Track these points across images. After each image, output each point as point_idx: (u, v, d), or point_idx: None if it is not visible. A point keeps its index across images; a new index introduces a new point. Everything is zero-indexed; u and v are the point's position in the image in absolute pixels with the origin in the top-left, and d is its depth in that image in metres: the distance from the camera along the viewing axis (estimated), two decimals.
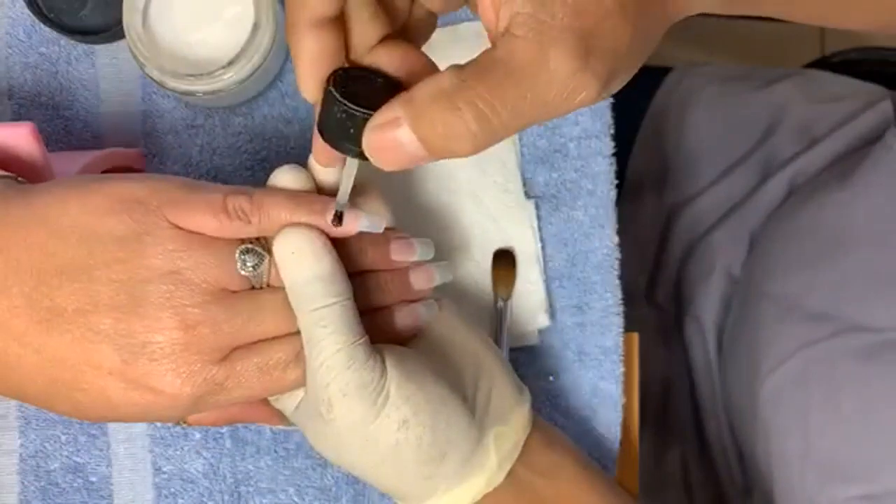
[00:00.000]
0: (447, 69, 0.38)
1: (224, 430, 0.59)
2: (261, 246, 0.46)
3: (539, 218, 0.60)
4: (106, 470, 0.59)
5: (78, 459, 0.59)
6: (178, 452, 0.59)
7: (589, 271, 0.60)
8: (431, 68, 0.44)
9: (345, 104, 0.41)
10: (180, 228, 0.45)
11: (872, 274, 0.63)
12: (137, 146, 0.60)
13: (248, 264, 0.45)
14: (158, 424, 0.59)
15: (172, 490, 0.59)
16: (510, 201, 0.60)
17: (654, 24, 0.40)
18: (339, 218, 0.46)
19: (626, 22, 0.37)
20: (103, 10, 0.59)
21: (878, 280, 0.62)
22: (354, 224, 0.47)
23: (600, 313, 0.60)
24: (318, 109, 0.43)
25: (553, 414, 0.60)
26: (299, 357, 0.47)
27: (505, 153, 0.60)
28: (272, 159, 0.61)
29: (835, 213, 0.68)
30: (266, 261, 0.46)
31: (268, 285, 0.47)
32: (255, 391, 0.46)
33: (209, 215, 0.45)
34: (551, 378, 0.60)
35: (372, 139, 0.39)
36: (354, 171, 0.45)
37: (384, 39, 0.44)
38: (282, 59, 0.60)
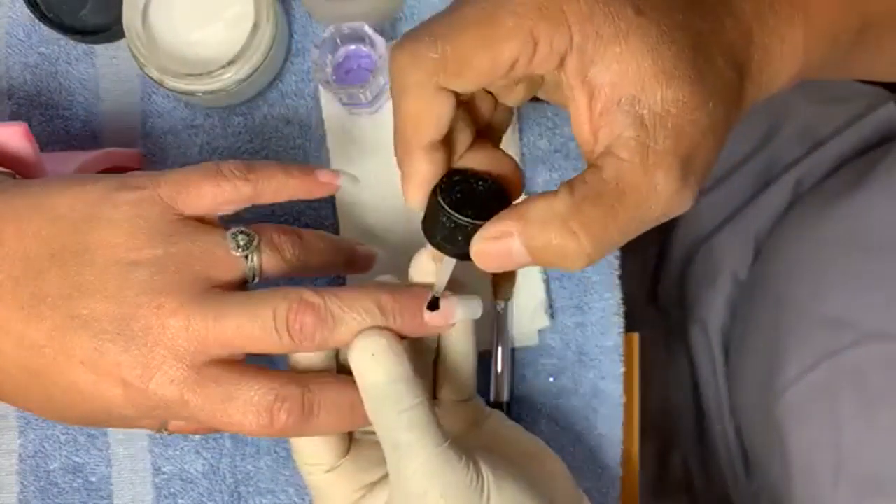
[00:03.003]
0: (559, 189, 0.40)
1: None
2: (251, 230, 0.46)
3: None
4: (106, 470, 0.59)
5: (77, 459, 0.59)
6: (177, 453, 0.59)
7: (589, 271, 0.60)
8: (516, 167, 0.45)
9: (454, 215, 0.42)
10: (177, 213, 0.46)
11: (894, 280, 0.63)
12: (137, 146, 0.60)
13: (241, 242, 0.46)
14: (162, 422, 0.59)
15: (172, 490, 0.59)
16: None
17: (731, 128, 0.41)
18: (434, 304, 0.46)
19: (716, 138, 0.40)
20: (103, 9, 0.59)
21: None
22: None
23: (600, 313, 0.60)
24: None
25: (554, 414, 0.60)
26: (265, 409, 0.44)
27: None
28: (272, 159, 0.61)
29: (850, 217, 0.68)
30: (256, 240, 0.46)
31: (261, 276, 0.47)
32: (215, 420, 0.45)
33: (206, 182, 0.46)
34: (552, 378, 0.60)
35: (482, 249, 0.41)
36: (452, 267, 0.46)
37: (472, 143, 0.45)
38: (281, 58, 0.60)
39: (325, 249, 0.50)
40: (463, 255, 0.43)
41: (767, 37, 0.42)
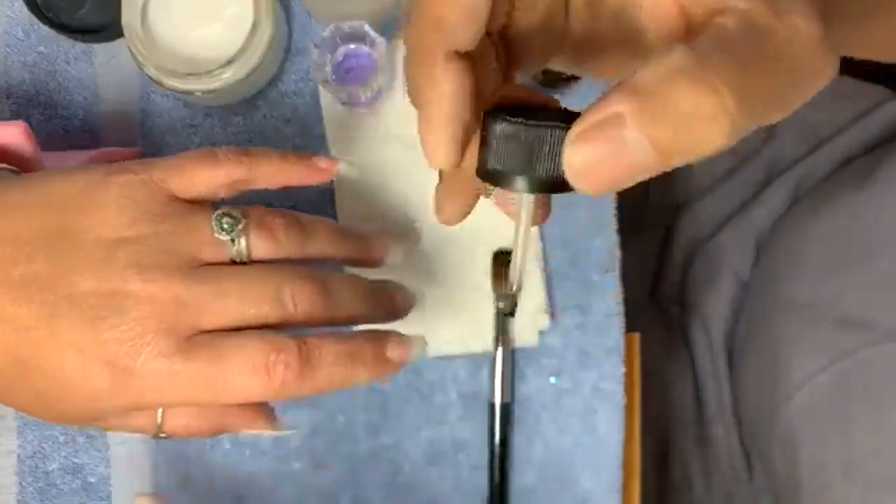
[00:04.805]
0: (670, 49, 0.29)
1: None
2: (239, 212, 0.45)
3: None
4: (104, 471, 0.59)
5: (76, 460, 0.59)
6: (177, 454, 0.59)
7: (590, 271, 0.60)
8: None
9: (523, 122, 0.31)
10: (168, 195, 0.45)
11: None
12: (135, 145, 0.60)
13: (225, 226, 0.45)
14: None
15: (171, 492, 0.59)
16: (510, 200, 0.59)
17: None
18: (513, 309, 0.36)
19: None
20: (102, 8, 0.59)
21: None
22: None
23: (601, 314, 0.60)
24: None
25: (555, 415, 0.60)
26: (262, 363, 0.43)
27: None
28: None
29: (857, 215, 0.67)
30: (242, 224, 0.45)
31: (250, 261, 0.46)
32: (211, 389, 0.43)
33: (200, 166, 0.46)
34: (552, 379, 0.60)
35: (581, 150, 0.29)
36: (531, 214, 0.35)
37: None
38: (280, 58, 0.60)
39: (326, 236, 0.48)
40: (549, 183, 0.31)
41: None
